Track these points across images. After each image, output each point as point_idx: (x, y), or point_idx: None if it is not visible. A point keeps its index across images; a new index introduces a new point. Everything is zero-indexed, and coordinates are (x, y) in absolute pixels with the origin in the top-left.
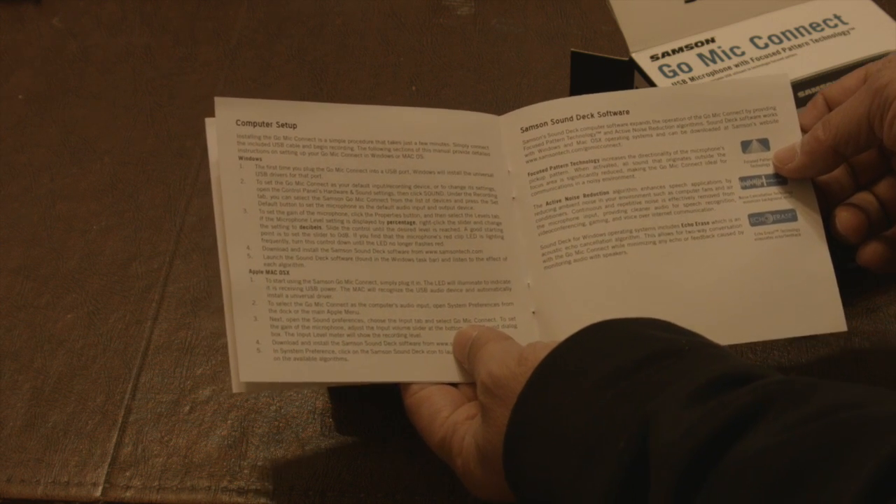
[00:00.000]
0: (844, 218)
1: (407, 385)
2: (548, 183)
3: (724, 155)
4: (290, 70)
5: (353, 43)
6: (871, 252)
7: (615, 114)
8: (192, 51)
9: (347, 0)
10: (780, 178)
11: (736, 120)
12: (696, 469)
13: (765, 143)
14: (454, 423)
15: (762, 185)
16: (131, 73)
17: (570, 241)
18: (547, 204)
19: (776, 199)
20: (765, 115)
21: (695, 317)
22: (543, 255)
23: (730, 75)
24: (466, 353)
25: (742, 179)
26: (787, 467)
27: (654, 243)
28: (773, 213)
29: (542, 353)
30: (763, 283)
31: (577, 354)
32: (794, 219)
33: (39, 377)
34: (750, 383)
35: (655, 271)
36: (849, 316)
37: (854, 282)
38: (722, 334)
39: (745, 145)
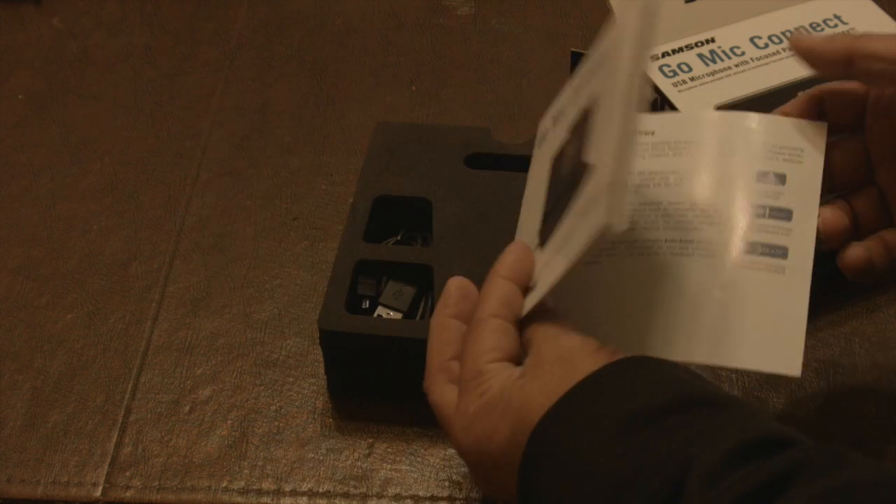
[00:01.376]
0: (828, 216)
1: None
2: None
3: (734, 180)
4: (290, 70)
5: (353, 43)
6: (851, 256)
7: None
8: (192, 51)
9: (347, 0)
10: (784, 214)
11: (763, 151)
12: None
13: (781, 179)
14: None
15: (764, 216)
16: (131, 73)
17: None
18: None
19: (773, 234)
20: (789, 153)
21: (652, 325)
22: None
23: (730, 76)
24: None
25: (746, 205)
26: None
27: (632, 255)
28: (764, 245)
29: (595, 367)
30: (730, 310)
31: (616, 384)
32: (784, 256)
33: (39, 377)
34: (785, 448)
35: (627, 281)
36: (849, 316)
37: (827, 288)
38: (672, 348)
39: (762, 175)
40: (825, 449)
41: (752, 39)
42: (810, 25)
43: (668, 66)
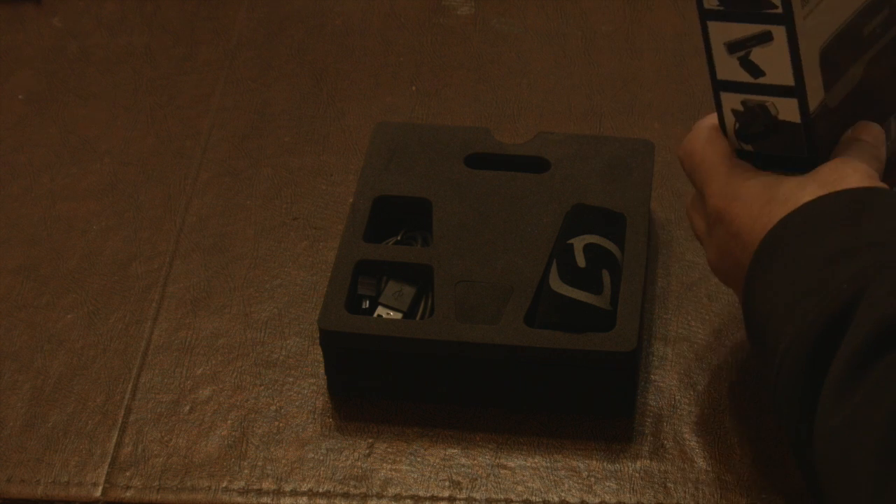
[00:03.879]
0: None
1: None
2: None
3: None
4: (290, 70)
5: (353, 43)
6: None
7: None
8: (192, 51)
9: (347, 0)
10: None
11: None
12: (894, 333)
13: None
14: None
15: None
16: (131, 73)
17: None
18: None
19: None
20: None
21: None
22: None
23: None
24: None
25: None
26: None
27: None
28: None
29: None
30: None
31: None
32: None
33: (39, 377)
34: None
35: None
36: None
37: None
38: None
39: None
40: None
41: None
42: None
43: None
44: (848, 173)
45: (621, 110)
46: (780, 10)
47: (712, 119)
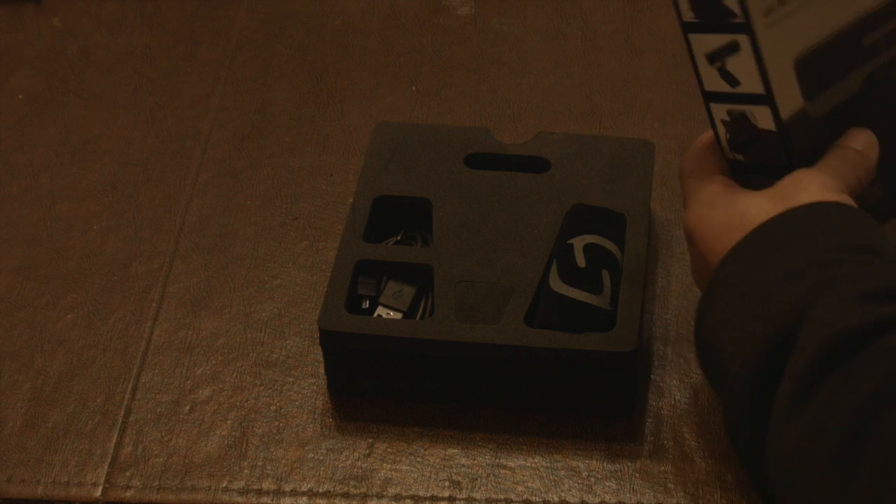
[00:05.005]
0: None
1: None
2: None
3: None
4: (290, 70)
5: (353, 43)
6: None
7: None
8: (192, 51)
9: (347, 0)
10: None
11: None
12: (839, 351)
13: None
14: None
15: None
16: (131, 73)
17: None
18: None
19: None
20: None
21: None
22: None
23: None
24: None
25: None
26: None
27: None
28: None
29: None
30: None
31: (827, 219)
32: None
33: (39, 377)
34: None
35: None
36: None
37: None
38: None
39: None
40: None
41: None
42: None
43: None
44: (804, 187)
45: (621, 110)
46: (741, 20)
47: (705, 137)
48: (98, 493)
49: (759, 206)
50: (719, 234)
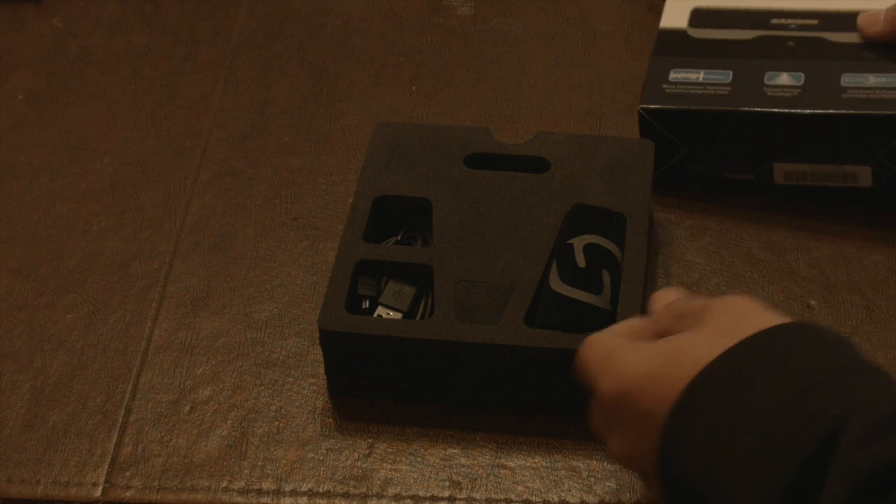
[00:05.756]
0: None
1: None
2: None
3: None
4: (290, 70)
5: (353, 43)
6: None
7: None
8: (192, 51)
9: (347, 0)
10: None
11: None
12: (877, 484)
13: None
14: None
15: None
16: (131, 73)
17: None
18: None
19: None
20: None
21: None
22: None
23: None
24: None
25: None
26: None
27: None
28: None
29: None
30: None
31: (780, 344)
32: None
33: (39, 377)
34: None
35: None
36: (849, 315)
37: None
38: None
39: None
40: None
41: None
42: None
43: None
44: (745, 312)
45: (621, 110)
46: None
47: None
48: (98, 493)
49: (693, 337)
50: (655, 377)
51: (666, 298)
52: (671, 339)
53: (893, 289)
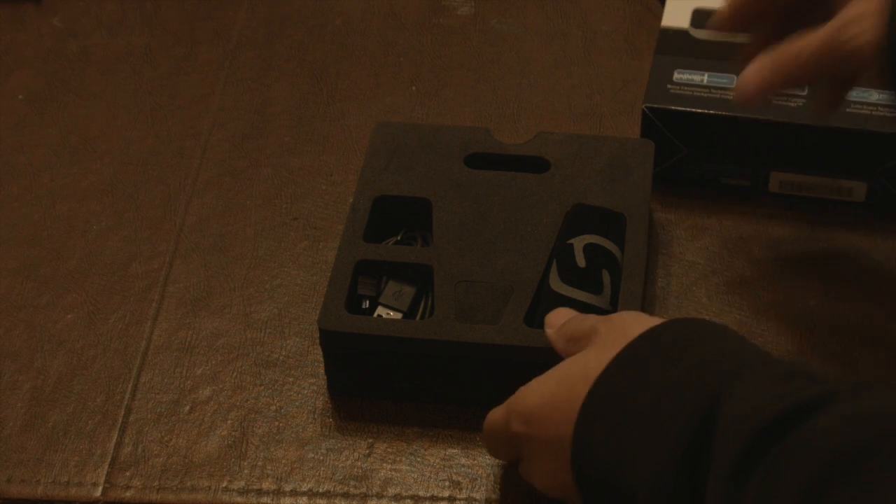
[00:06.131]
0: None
1: None
2: None
3: None
4: (290, 70)
5: (353, 43)
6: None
7: None
8: (192, 51)
9: (347, 0)
10: None
11: None
12: (762, 443)
13: None
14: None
15: None
16: (131, 73)
17: None
18: None
19: None
20: None
21: None
22: None
23: None
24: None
25: None
26: (849, 447)
27: None
28: None
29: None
30: None
31: (671, 337)
32: None
33: (39, 377)
34: (817, 381)
35: None
36: (849, 315)
37: None
38: None
39: None
40: (855, 381)
41: None
42: None
43: None
44: (630, 322)
45: (621, 110)
46: None
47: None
48: (98, 493)
49: (584, 358)
50: (553, 403)
51: (557, 320)
52: (562, 364)
53: (893, 288)
